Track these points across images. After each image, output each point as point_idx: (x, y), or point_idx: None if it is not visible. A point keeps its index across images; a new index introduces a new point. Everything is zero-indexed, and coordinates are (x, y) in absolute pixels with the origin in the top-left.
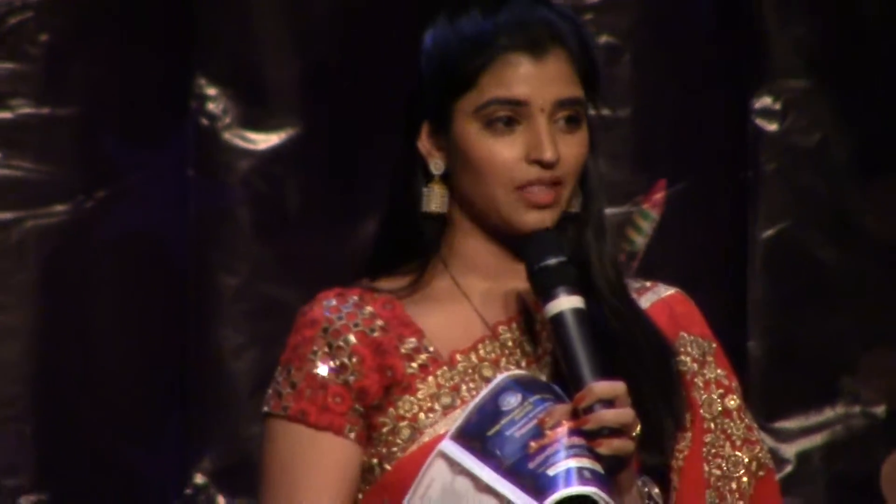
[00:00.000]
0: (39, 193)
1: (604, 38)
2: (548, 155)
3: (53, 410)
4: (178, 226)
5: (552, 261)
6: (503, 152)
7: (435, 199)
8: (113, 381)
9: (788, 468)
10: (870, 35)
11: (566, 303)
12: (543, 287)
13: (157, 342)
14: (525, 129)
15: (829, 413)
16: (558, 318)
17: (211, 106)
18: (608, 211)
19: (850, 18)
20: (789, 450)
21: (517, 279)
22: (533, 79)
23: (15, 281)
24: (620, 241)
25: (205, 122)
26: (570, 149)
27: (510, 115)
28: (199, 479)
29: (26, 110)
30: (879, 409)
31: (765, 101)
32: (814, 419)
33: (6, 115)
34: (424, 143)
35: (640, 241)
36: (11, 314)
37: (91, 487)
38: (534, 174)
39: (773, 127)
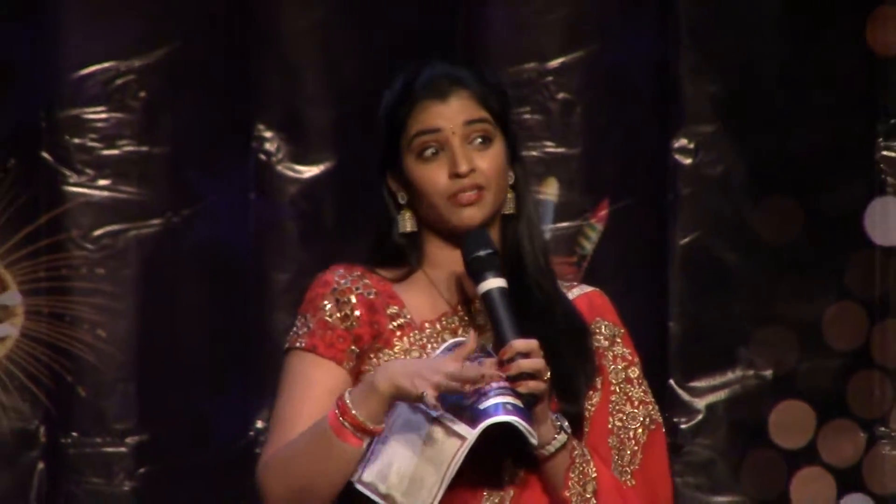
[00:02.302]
0: (139, 211)
1: (561, 95)
2: (461, 168)
3: (150, 373)
4: (242, 235)
5: (482, 252)
6: (432, 174)
7: (406, 222)
8: (194, 352)
9: (699, 417)
10: (763, 92)
11: (493, 283)
12: (476, 272)
13: (227, 323)
14: (446, 154)
15: (730, 375)
16: (487, 295)
17: (267, 145)
18: (564, 224)
19: (748, 78)
20: (700, 403)
21: None
22: (442, 112)
23: (121, 276)
24: (573, 248)
25: (262, 157)
26: (484, 161)
27: (432, 143)
28: (259, 424)
29: (129, 148)
30: (768, 373)
31: (682, 142)
32: (718, 380)
33: (114, 152)
34: (392, 184)
35: (588, 247)
36: (119, 301)
37: (178, 430)
38: (457, 186)
39: (688, 161)
